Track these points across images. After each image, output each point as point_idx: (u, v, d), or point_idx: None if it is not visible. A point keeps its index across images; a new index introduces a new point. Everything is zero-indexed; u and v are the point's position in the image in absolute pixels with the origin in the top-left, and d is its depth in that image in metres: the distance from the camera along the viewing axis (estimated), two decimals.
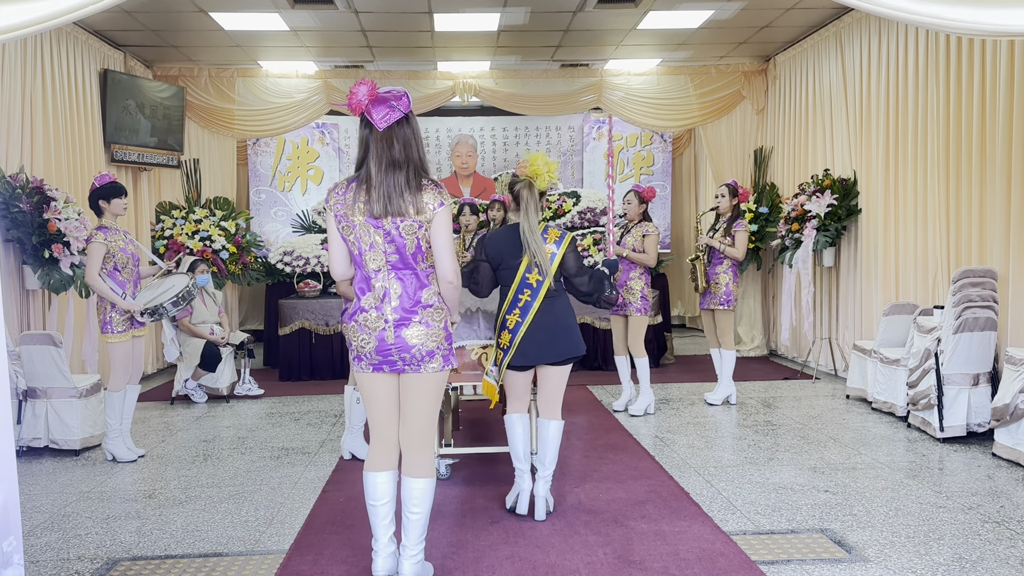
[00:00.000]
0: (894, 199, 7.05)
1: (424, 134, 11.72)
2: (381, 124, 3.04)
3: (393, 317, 3.09)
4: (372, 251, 3.07)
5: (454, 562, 3.60)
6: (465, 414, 6.56)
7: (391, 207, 3.01)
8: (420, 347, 3.10)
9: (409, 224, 3.04)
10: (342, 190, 3.10)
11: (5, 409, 2.66)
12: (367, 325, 3.10)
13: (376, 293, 3.10)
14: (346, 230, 3.09)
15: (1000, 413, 4.98)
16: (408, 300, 3.09)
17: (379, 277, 3.09)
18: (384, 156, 3.04)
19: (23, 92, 6.55)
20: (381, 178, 3.03)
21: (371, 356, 3.12)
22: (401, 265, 3.09)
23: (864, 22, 7.50)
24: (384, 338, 3.09)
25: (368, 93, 3.03)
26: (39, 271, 6.19)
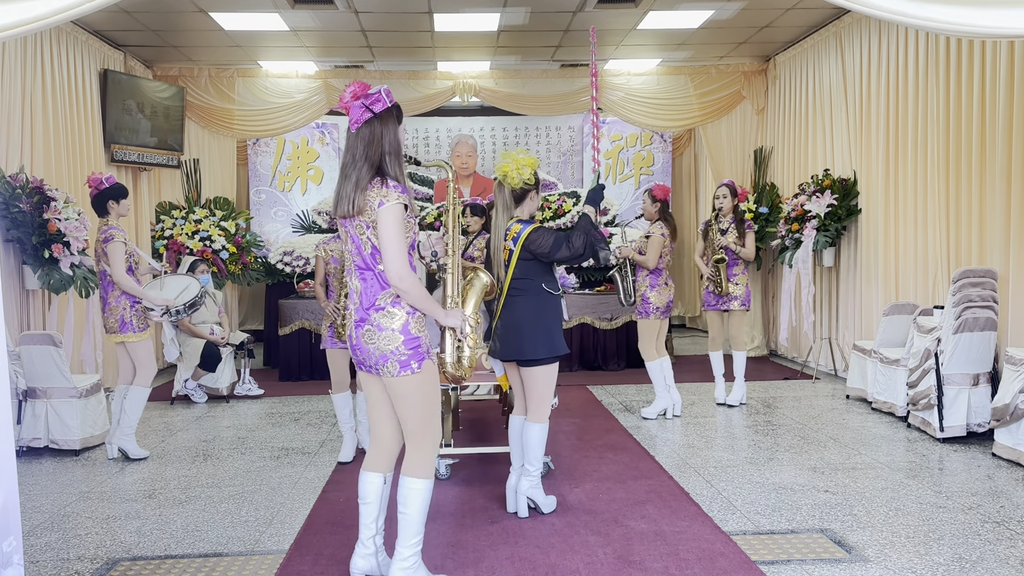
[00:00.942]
0: (894, 199, 7.05)
1: (424, 134, 11.72)
2: (352, 127, 3.08)
3: (354, 317, 3.10)
4: (347, 250, 3.15)
5: (454, 562, 3.60)
6: (465, 414, 6.56)
7: (340, 208, 3.06)
8: (373, 350, 3.04)
9: (358, 224, 3.04)
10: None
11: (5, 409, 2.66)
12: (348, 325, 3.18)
13: (349, 291, 3.17)
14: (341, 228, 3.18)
15: (1000, 413, 4.97)
16: (366, 300, 3.07)
17: (350, 276, 3.14)
18: (346, 157, 3.07)
19: (23, 92, 6.55)
20: (344, 178, 3.07)
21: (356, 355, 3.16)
22: (363, 265, 3.08)
23: (864, 22, 7.50)
24: (351, 336, 3.13)
25: (352, 95, 3.03)
26: (39, 271, 6.19)
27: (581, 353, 8.59)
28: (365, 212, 3.01)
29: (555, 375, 4.13)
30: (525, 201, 4.12)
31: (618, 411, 6.69)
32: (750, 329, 9.72)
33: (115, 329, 5.31)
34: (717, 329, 6.90)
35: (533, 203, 4.17)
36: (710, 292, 6.74)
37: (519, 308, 4.04)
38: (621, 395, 7.34)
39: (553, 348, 4.03)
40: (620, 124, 11.56)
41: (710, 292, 6.74)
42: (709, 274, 6.70)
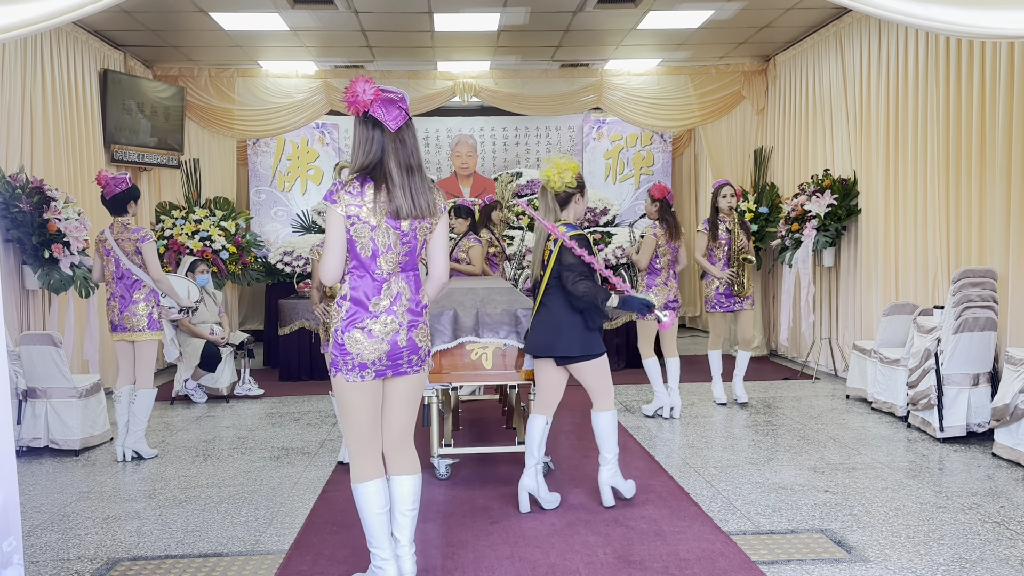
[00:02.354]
0: (894, 199, 7.05)
1: (424, 134, 11.72)
2: (394, 125, 2.99)
3: (406, 320, 3.06)
4: (388, 253, 3.01)
5: (454, 562, 3.60)
6: (465, 414, 6.56)
7: (416, 208, 3.00)
8: (424, 347, 3.13)
9: (424, 225, 3.06)
10: (355, 190, 2.98)
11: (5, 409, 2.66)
12: (377, 331, 3.01)
13: (388, 296, 3.03)
14: (359, 231, 2.98)
15: (1000, 413, 4.97)
16: (414, 302, 3.09)
17: (392, 280, 3.04)
18: (401, 157, 3.01)
19: (23, 92, 6.55)
20: (404, 179, 2.99)
21: (379, 363, 3.03)
22: (409, 267, 3.08)
23: (864, 22, 7.50)
24: (397, 342, 3.04)
25: (374, 92, 2.96)
26: (39, 271, 6.19)
27: None
28: (436, 214, 3.07)
29: (606, 366, 4.29)
30: (570, 204, 4.26)
31: (618, 411, 6.69)
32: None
33: (140, 327, 5.31)
34: (723, 329, 6.83)
35: (579, 206, 4.30)
36: (722, 293, 6.56)
37: (554, 307, 4.19)
38: (621, 395, 7.34)
39: (586, 347, 4.15)
40: (620, 124, 11.56)
41: (722, 293, 6.56)
42: (728, 275, 6.51)
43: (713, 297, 6.62)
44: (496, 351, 4.74)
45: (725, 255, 6.55)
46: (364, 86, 2.95)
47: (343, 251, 3.01)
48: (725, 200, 6.57)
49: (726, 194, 6.57)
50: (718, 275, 6.53)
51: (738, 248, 6.52)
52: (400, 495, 3.18)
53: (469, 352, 4.73)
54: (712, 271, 6.57)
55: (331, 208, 2.98)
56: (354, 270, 3.04)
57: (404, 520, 3.20)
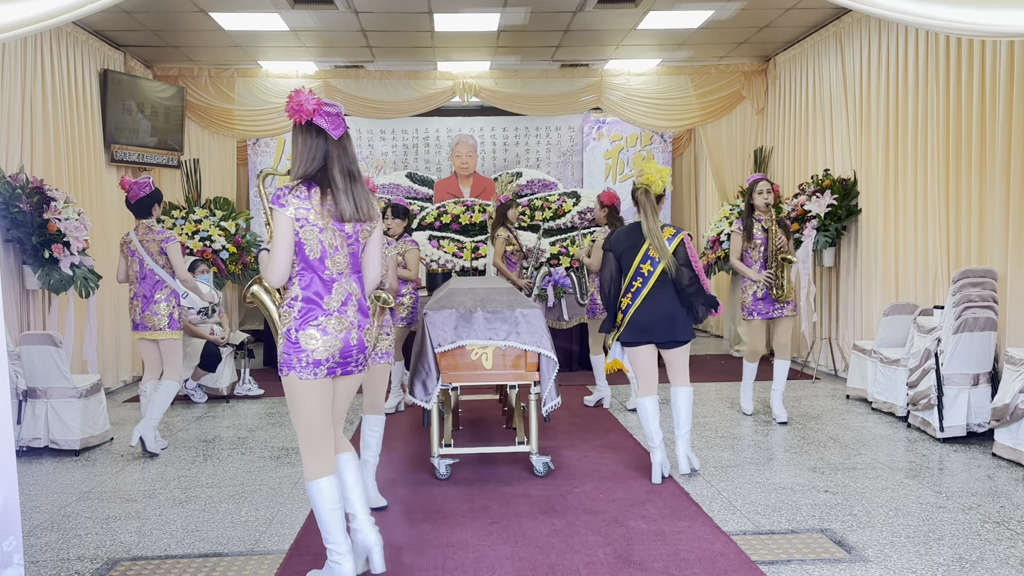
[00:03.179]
0: (894, 199, 7.05)
1: (424, 134, 11.73)
2: (336, 133, 3.12)
3: (356, 319, 3.17)
4: (335, 255, 3.13)
5: (454, 562, 3.60)
6: (465, 414, 6.56)
7: (360, 212, 3.14)
8: (370, 346, 3.29)
9: (365, 228, 3.21)
10: (303, 194, 3.08)
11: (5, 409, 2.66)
12: (332, 328, 3.10)
13: (338, 296, 3.13)
14: (307, 233, 3.08)
15: (1000, 413, 4.98)
16: (363, 302, 3.22)
17: (341, 280, 3.14)
18: (343, 163, 3.14)
19: (23, 92, 6.55)
20: (347, 184, 3.13)
21: (331, 360, 3.11)
22: (355, 268, 3.21)
23: (864, 22, 7.50)
24: (349, 340, 3.14)
25: (316, 103, 3.09)
26: (39, 271, 6.19)
27: (581, 353, 8.58)
28: (375, 218, 3.22)
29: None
30: (661, 204, 4.79)
31: (618, 411, 6.69)
32: None
33: (160, 326, 5.51)
34: (761, 340, 6.29)
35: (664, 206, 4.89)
36: (760, 298, 6.04)
37: (667, 298, 4.67)
38: (621, 395, 7.34)
39: (691, 332, 4.77)
40: (620, 124, 11.57)
41: (760, 298, 6.04)
42: (765, 277, 5.98)
43: (750, 303, 6.10)
44: (496, 351, 4.75)
45: (762, 256, 6.04)
46: (306, 96, 3.08)
47: (291, 253, 3.09)
48: (761, 197, 6.02)
49: (762, 190, 6.03)
50: (755, 278, 6.01)
51: (776, 248, 6.00)
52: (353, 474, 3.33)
53: (469, 352, 4.73)
54: (748, 274, 6.04)
55: (279, 211, 3.05)
56: (302, 272, 3.12)
57: (352, 495, 3.29)
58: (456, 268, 9.27)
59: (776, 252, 6.00)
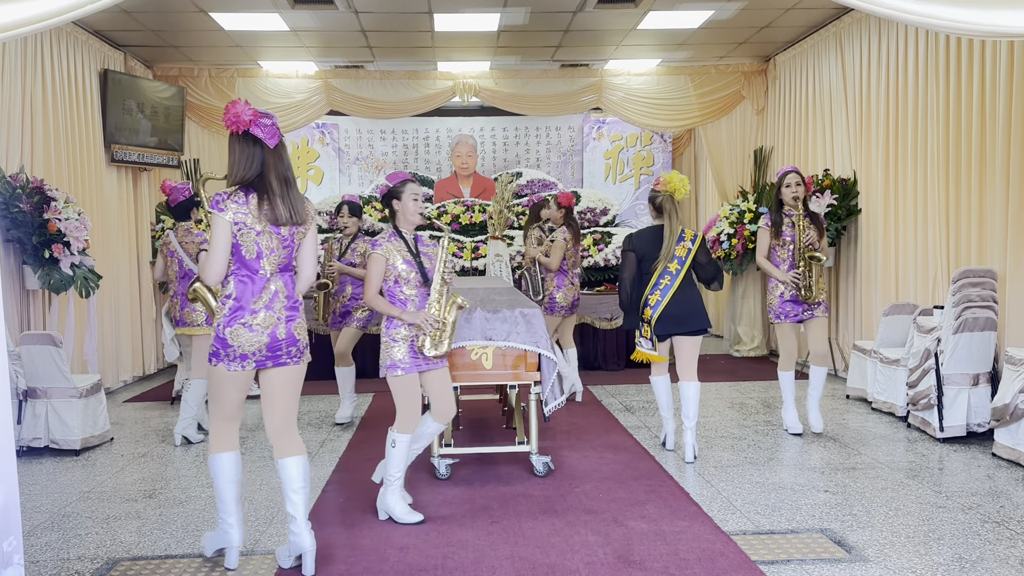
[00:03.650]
0: (894, 199, 7.05)
1: (424, 134, 11.74)
2: (272, 142, 3.37)
3: (284, 315, 3.40)
4: (271, 255, 3.37)
5: (454, 562, 3.60)
6: (465, 414, 6.56)
7: (295, 215, 3.39)
8: (303, 340, 3.48)
9: (300, 231, 3.45)
10: (240, 199, 3.32)
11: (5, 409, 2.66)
12: (257, 325, 3.34)
13: (268, 294, 3.37)
14: (244, 236, 3.31)
15: (1000, 413, 4.98)
16: (291, 298, 3.45)
17: (272, 279, 3.39)
18: (279, 170, 3.39)
19: (23, 92, 6.56)
20: (283, 190, 3.37)
21: (259, 354, 3.35)
22: (287, 267, 3.45)
23: (864, 22, 7.50)
24: (277, 334, 3.37)
25: (252, 113, 3.32)
26: (39, 271, 6.19)
27: (581, 352, 8.59)
28: (307, 222, 3.46)
29: None
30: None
31: (618, 411, 6.69)
32: (750, 329, 9.72)
33: (198, 323, 5.79)
34: (793, 344, 5.75)
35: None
36: (788, 300, 5.58)
37: (692, 293, 5.16)
38: (621, 395, 7.35)
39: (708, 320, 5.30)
40: (620, 124, 11.57)
41: (788, 300, 5.58)
42: (791, 277, 5.52)
43: (777, 305, 5.63)
44: (496, 351, 4.75)
45: (790, 255, 5.58)
46: (243, 108, 3.33)
47: (228, 254, 3.32)
48: (789, 190, 5.57)
49: (790, 183, 5.58)
50: (781, 278, 5.56)
51: (804, 245, 5.53)
52: (289, 476, 3.47)
53: (469, 352, 4.73)
54: (774, 274, 5.61)
55: (218, 216, 3.29)
56: (236, 271, 3.36)
57: (296, 498, 3.47)
58: (456, 268, 9.27)
59: (803, 250, 5.53)
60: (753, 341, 9.66)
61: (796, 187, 5.56)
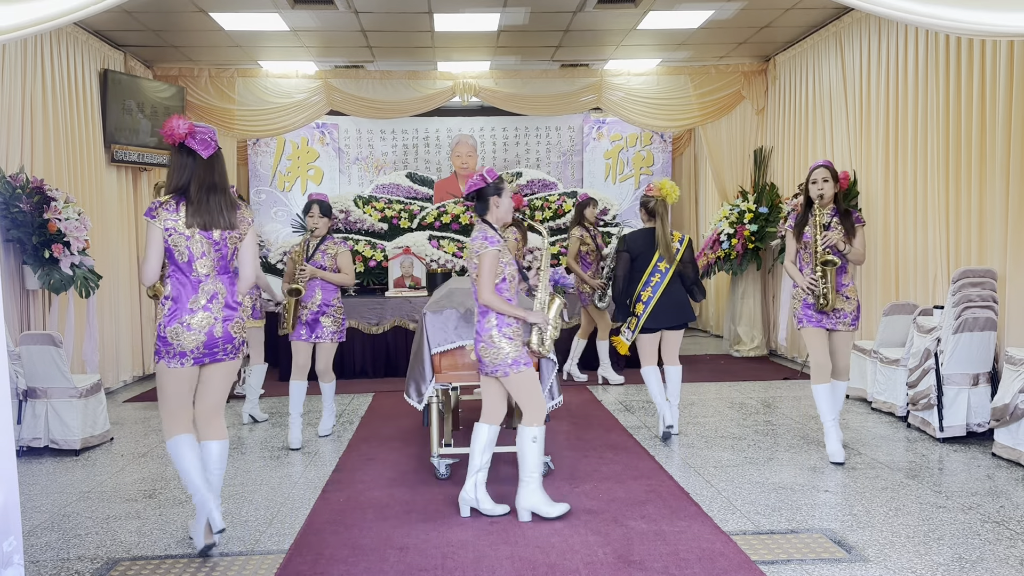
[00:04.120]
0: (894, 199, 7.05)
1: (424, 134, 11.73)
2: (205, 154, 3.64)
3: (221, 314, 3.66)
4: (203, 259, 3.64)
5: (454, 562, 3.60)
6: (465, 414, 6.56)
7: (223, 221, 3.65)
8: (239, 337, 3.74)
9: (234, 235, 3.70)
10: (172, 207, 3.61)
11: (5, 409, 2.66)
12: (195, 324, 3.61)
13: (204, 295, 3.64)
14: (176, 241, 3.60)
15: (1000, 413, 4.98)
16: (231, 299, 3.70)
17: (207, 281, 3.65)
18: (207, 180, 3.65)
19: (23, 92, 6.56)
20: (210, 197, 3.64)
21: (197, 351, 3.63)
22: (223, 270, 3.70)
23: (864, 22, 7.50)
24: (214, 333, 3.64)
25: (187, 127, 3.59)
26: (39, 271, 6.19)
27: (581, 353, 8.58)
28: (238, 227, 3.71)
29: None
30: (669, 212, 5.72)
31: (618, 411, 6.69)
32: (750, 329, 9.71)
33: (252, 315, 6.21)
34: (821, 351, 5.08)
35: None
36: (810, 305, 5.07)
37: (679, 290, 5.66)
38: (621, 395, 7.35)
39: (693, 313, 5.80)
40: (620, 124, 11.56)
41: (810, 305, 5.07)
42: (808, 283, 5.03)
43: (800, 309, 5.13)
44: None
45: (812, 258, 5.08)
46: (179, 122, 3.61)
47: (160, 258, 3.63)
48: (815, 187, 5.05)
49: (815, 179, 5.07)
50: (800, 283, 5.09)
51: (821, 247, 4.98)
52: (211, 456, 3.78)
53: (469, 352, 4.73)
54: (796, 278, 5.14)
55: (151, 223, 3.59)
56: (172, 274, 3.64)
57: (212, 478, 3.77)
58: (456, 268, 9.27)
59: (819, 253, 5.00)
60: (753, 341, 9.66)
61: (823, 183, 5.01)
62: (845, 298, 5.07)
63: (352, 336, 8.52)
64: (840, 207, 5.14)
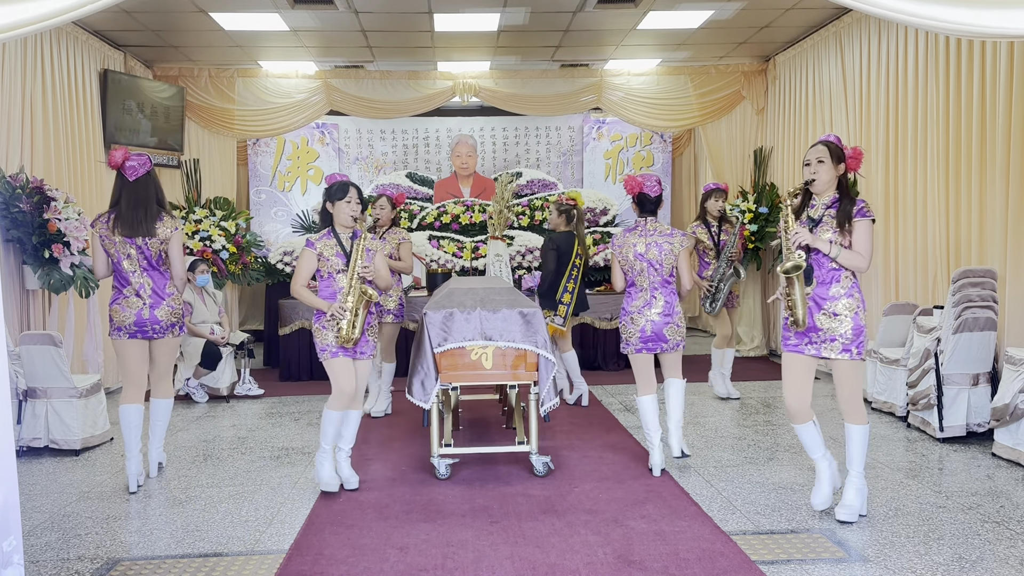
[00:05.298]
0: (894, 199, 7.05)
1: (424, 134, 11.73)
2: (131, 176, 4.66)
3: (149, 301, 4.70)
4: (128, 260, 4.68)
5: (454, 562, 3.60)
6: (465, 414, 6.56)
7: (140, 230, 4.65)
8: (165, 321, 4.74)
9: (154, 241, 4.69)
10: (104, 219, 4.68)
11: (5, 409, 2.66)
12: (127, 307, 4.68)
13: (133, 287, 4.69)
14: (108, 245, 4.67)
15: (1000, 413, 4.98)
16: (159, 290, 4.73)
17: (134, 276, 4.69)
18: (132, 196, 4.65)
19: (23, 92, 6.55)
20: (130, 211, 4.64)
21: (130, 328, 4.68)
22: (149, 267, 4.72)
23: (864, 22, 7.50)
24: (141, 315, 4.69)
25: (123, 156, 4.65)
26: (39, 271, 6.18)
27: (581, 353, 8.58)
28: (159, 235, 4.69)
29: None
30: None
31: (618, 411, 6.69)
32: (750, 329, 9.71)
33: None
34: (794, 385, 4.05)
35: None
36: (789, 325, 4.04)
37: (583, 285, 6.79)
38: (621, 395, 7.35)
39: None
40: (620, 124, 11.56)
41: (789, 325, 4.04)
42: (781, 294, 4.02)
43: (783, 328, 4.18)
44: (496, 351, 4.75)
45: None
46: (116, 153, 4.66)
47: (103, 257, 4.73)
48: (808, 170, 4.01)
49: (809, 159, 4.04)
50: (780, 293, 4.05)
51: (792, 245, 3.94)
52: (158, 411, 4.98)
53: (469, 352, 4.73)
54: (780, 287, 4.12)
55: (92, 231, 4.70)
56: (114, 269, 4.72)
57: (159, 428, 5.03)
58: (456, 268, 9.27)
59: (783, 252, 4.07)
60: (753, 341, 9.66)
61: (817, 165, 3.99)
62: (832, 315, 3.88)
63: None
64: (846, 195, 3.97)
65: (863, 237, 3.87)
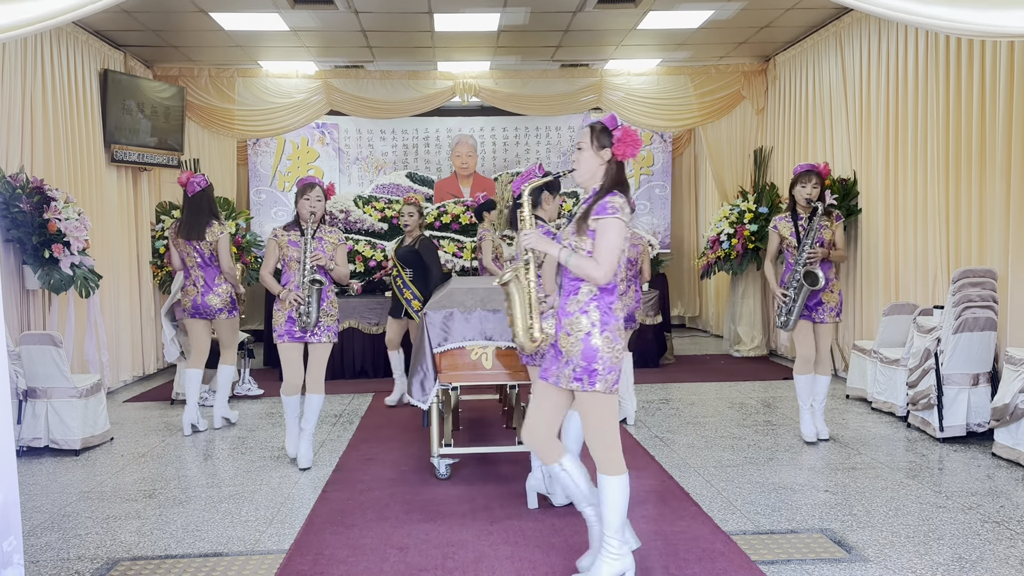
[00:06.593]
0: (894, 199, 7.05)
1: (424, 134, 11.73)
2: (190, 192, 5.93)
3: (202, 290, 5.93)
4: (189, 257, 5.92)
5: (454, 562, 3.60)
6: (465, 414, 6.56)
7: (193, 234, 5.86)
8: (214, 305, 5.94)
9: (205, 243, 5.89)
10: (174, 226, 6.04)
11: (5, 409, 2.66)
12: (189, 294, 5.95)
13: (192, 279, 5.94)
14: (176, 246, 5.99)
15: (1000, 413, 4.98)
16: (209, 281, 5.95)
17: (194, 270, 5.94)
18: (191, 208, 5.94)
19: (23, 92, 6.55)
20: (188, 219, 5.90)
21: (190, 309, 5.95)
22: (203, 264, 5.93)
23: (864, 22, 7.50)
24: (195, 300, 5.94)
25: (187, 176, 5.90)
26: (39, 271, 6.19)
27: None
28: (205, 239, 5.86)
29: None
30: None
31: None
32: (750, 329, 9.71)
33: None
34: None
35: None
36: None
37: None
38: (620, 395, 7.34)
39: None
40: None
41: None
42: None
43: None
44: (496, 351, 4.75)
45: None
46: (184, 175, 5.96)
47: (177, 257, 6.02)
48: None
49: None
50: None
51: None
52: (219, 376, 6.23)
53: (469, 352, 4.73)
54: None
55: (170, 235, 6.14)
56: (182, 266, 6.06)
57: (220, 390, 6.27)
58: (456, 268, 9.26)
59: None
60: (753, 341, 9.66)
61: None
62: (566, 335, 3.33)
63: (352, 336, 8.53)
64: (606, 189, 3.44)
65: (603, 239, 3.15)
